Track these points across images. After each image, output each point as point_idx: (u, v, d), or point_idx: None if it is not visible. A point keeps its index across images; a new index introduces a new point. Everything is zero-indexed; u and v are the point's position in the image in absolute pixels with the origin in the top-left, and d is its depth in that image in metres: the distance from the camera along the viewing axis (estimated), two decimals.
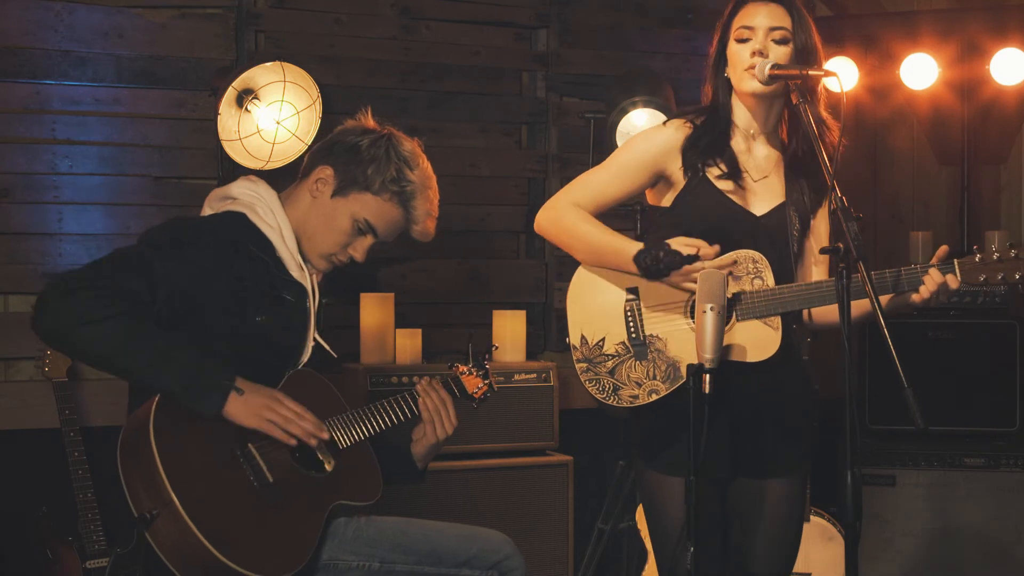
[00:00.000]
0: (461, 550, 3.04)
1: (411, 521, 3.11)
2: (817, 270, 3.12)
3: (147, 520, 2.65)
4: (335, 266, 3.09)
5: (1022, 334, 5.01)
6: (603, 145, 4.62)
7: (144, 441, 2.68)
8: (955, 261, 2.92)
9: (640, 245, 2.96)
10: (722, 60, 3.04)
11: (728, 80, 3.04)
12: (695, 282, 2.88)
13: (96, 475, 4.08)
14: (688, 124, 3.05)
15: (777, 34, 2.97)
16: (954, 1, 5.70)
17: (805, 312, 3.05)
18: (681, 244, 2.91)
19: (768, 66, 2.93)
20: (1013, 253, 2.92)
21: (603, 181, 3.08)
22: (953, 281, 2.90)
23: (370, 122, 3.12)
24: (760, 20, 2.97)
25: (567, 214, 3.05)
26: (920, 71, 5.40)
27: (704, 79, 3.10)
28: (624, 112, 4.62)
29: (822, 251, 2.82)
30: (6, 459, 4.31)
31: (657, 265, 2.91)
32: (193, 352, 2.77)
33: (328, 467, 2.91)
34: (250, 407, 2.79)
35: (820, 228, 3.13)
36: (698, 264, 2.89)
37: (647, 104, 4.59)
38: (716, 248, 2.91)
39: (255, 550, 2.72)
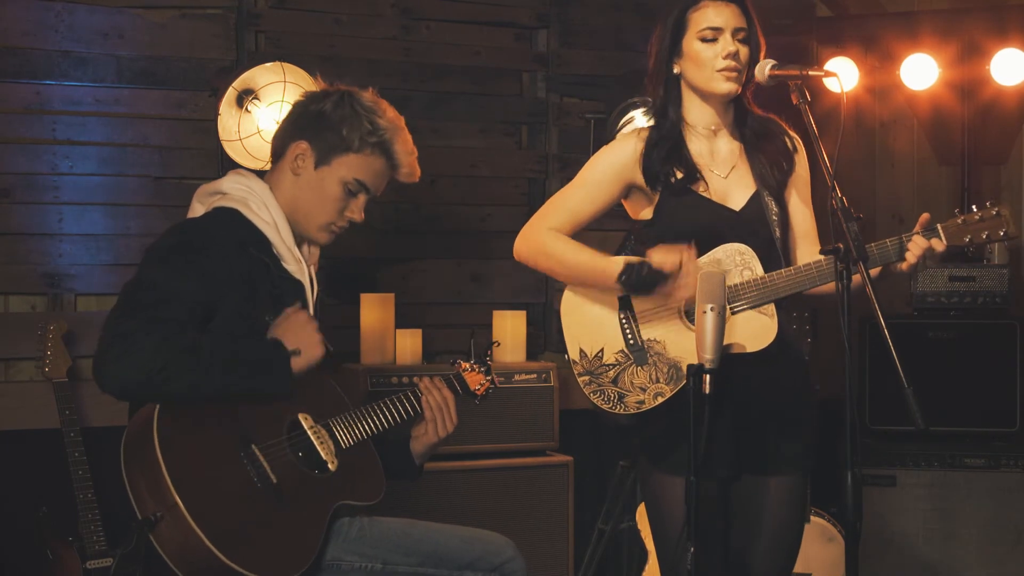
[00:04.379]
0: (464, 552, 3.03)
1: (414, 522, 3.11)
2: (805, 251, 3.12)
3: (151, 523, 2.64)
4: (336, 235, 3.08)
5: (1022, 334, 5.01)
6: (603, 145, 4.61)
7: (148, 443, 2.67)
8: (938, 226, 2.93)
9: (622, 263, 2.96)
10: (672, 54, 3.04)
11: (676, 77, 3.05)
12: (685, 287, 2.89)
13: (96, 475, 4.08)
14: (647, 131, 3.06)
15: (741, 34, 3.00)
16: (954, 1, 5.70)
17: None
18: (662, 258, 2.91)
19: (768, 66, 2.94)
20: (995, 211, 2.93)
21: (576, 200, 3.09)
22: (939, 244, 2.91)
23: (321, 84, 3.12)
24: (727, 21, 2.98)
25: (545, 239, 3.06)
26: (920, 71, 5.40)
27: (649, 74, 3.10)
28: (624, 112, 4.62)
29: (822, 251, 2.83)
30: (6, 459, 4.31)
31: (642, 283, 2.92)
32: (248, 346, 2.83)
33: (331, 467, 2.91)
34: (304, 360, 2.87)
35: (796, 203, 3.13)
36: (681, 274, 2.89)
37: (647, 104, 4.59)
38: (694, 250, 2.92)
39: (259, 552, 2.72)
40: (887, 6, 5.79)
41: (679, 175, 3.01)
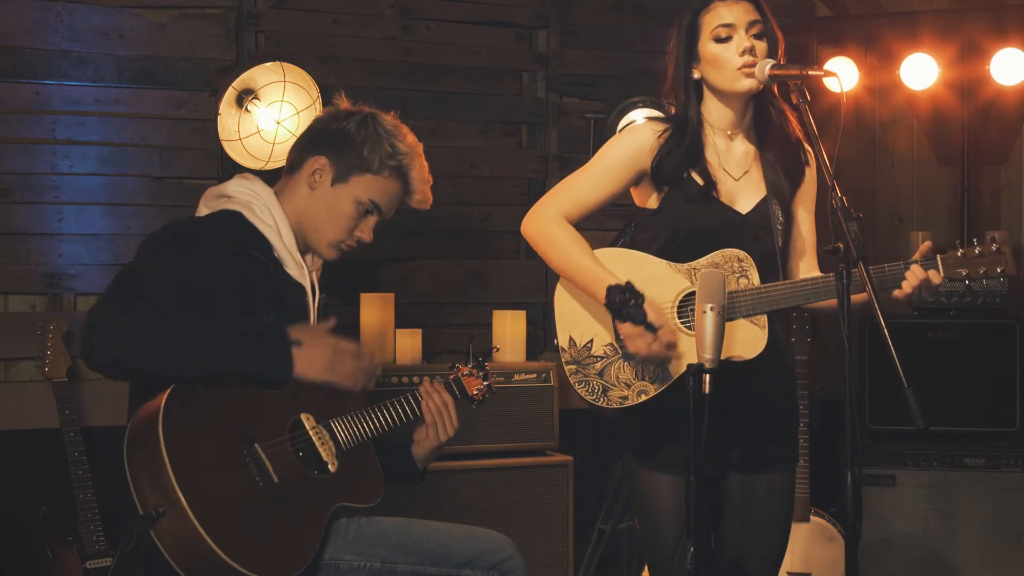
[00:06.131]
0: (462, 551, 3.04)
1: (412, 521, 3.11)
2: (803, 265, 3.13)
3: (152, 518, 2.64)
4: (343, 252, 3.10)
5: (1022, 334, 5.01)
6: (603, 144, 4.61)
7: (152, 437, 2.68)
8: (938, 256, 2.92)
9: (617, 278, 2.94)
10: (690, 60, 3.03)
11: (697, 81, 3.03)
12: (642, 343, 2.88)
13: (96, 475, 4.08)
14: (665, 129, 3.05)
15: (755, 29, 2.98)
16: (954, 1, 5.70)
17: None
18: (654, 313, 2.90)
19: (768, 66, 2.93)
20: (995, 248, 2.93)
21: (588, 186, 3.08)
22: (936, 276, 2.90)
23: (345, 104, 3.14)
24: (739, 17, 2.97)
25: (553, 227, 3.05)
26: (920, 71, 5.40)
27: (669, 82, 3.08)
28: (624, 112, 4.62)
29: (823, 251, 2.82)
30: (6, 459, 4.31)
31: (625, 307, 2.89)
32: (245, 321, 2.80)
33: (332, 468, 2.91)
34: (315, 362, 2.83)
35: (801, 215, 3.14)
36: (656, 334, 2.88)
37: (647, 104, 4.59)
38: (674, 352, 2.91)
39: (259, 550, 2.72)
40: (887, 6, 5.79)
41: (695, 179, 3.00)
